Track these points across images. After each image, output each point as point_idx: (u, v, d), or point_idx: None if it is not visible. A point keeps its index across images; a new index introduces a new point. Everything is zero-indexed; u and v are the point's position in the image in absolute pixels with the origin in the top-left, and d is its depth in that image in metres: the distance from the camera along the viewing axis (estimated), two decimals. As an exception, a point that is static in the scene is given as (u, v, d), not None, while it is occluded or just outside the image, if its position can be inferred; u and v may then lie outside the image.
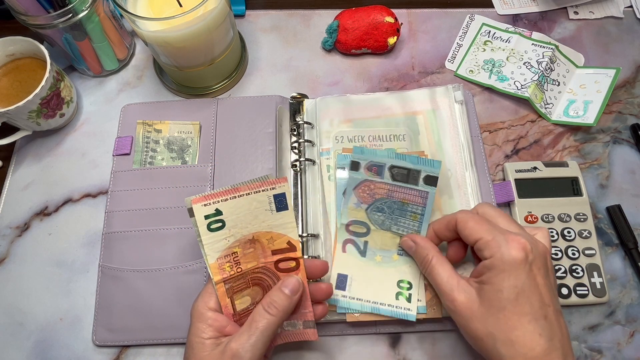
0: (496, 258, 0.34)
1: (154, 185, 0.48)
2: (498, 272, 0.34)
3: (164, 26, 0.42)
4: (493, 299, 0.34)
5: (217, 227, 0.36)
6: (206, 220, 0.36)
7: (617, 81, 0.53)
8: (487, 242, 0.35)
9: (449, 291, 0.36)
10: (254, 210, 0.37)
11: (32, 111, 0.47)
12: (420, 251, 0.40)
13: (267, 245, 0.38)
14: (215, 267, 0.36)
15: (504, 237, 0.35)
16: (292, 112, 0.52)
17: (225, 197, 0.36)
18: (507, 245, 0.34)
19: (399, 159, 0.43)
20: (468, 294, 0.35)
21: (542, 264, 0.35)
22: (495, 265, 0.34)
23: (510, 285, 0.33)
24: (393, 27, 0.54)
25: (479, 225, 0.36)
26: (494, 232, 0.35)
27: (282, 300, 0.36)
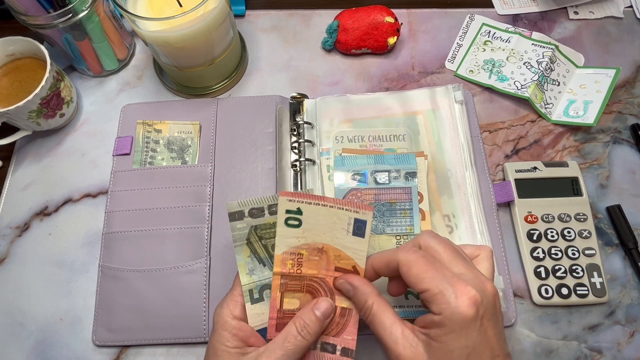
0: (445, 316, 0.31)
1: (154, 185, 0.48)
2: (448, 331, 0.31)
3: (164, 26, 0.42)
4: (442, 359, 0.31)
5: (293, 224, 0.37)
6: (286, 214, 0.36)
7: (617, 81, 0.53)
8: (433, 295, 0.31)
9: (392, 345, 0.32)
10: (332, 224, 0.37)
11: (32, 111, 0.47)
12: (359, 296, 0.35)
13: (333, 260, 0.37)
14: (279, 259, 0.37)
15: (452, 288, 0.31)
16: (292, 112, 0.52)
17: (310, 200, 0.36)
18: (457, 300, 0.30)
19: (377, 163, 0.46)
20: (414, 348, 0.32)
21: (492, 313, 0.32)
22: (445, 324, 0.31)
23: (461, 346, 0.30)
24: (393, 27, 0.54)
25: (422, 272, 0.32)
26: (439, 281, 0.31)
27: (314, 324, 0.34)
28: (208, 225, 0.46)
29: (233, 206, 0.35)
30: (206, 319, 0.43)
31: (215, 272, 0.45)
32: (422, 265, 0.32)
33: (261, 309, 0.37)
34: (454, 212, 0.46)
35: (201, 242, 0.46)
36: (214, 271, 0.45)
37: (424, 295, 0.32)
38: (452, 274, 0.32)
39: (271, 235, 0.36)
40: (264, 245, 0.36)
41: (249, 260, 0.36)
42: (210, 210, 0.47)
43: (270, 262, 0.36)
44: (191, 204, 0.47)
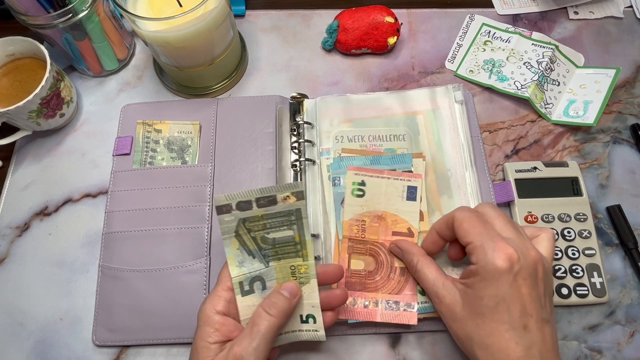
0: (480, 265, 0.34)
1: (154, 185, 0.48)
2: (481, 279, 0.34)
3: (164, 26, 0.42)
4: (474, 304, 0.35)
5: (358, 195, 0.44)
6: (352, 186, 0.45)
7: (617, 81, 0.53)
8: (475, 247, 0.35)
9: (435, 291, 0.37)
10: (389, 193, 0.45)
11: (32, 111, 0.47)
12: (406, 256, 0.41)
13: (390, 225, 0.44)
14: (347, 225, 0.44)
15: (493, 244, 0.34)
16: (292, 112, 0.52)
17: (371, 174, 0.45)
18: (493, 253, 0.34)
19: (374, 164, 0.47)
20: (452, 296, 0.36)
21: (529, 274, 0.34)
22: (479, 272, 0.34)
23: (491, 294, 0.34)
24: (393, 27, 0.54)
25: (472, 227, 0.36)
26: (484, 237, 0.35)
27: (282, 302, 0.35)
28: (208, 225, 0.46)
29: (220, 200, 0.35)
30: (206, 319, 0.43)
31: (215, 272, 0.45)
32: (472, 222, 0.36)
33: (252, 301, 0.37)
34: (454, 212, 0.46)
35: (201, 242, 0.46)
36: (214, 271, 0.45)
37: (468, 248, 0.36)
38: (497, 234, 0.35)
39: (259, 227, 0.36)
40: (253, 238, 0.36)
41: (238, 253, 0.37)
42: (210, 210, 0.47)
43: (260, 254, 0.37)
44: (191, 204, 0.47)
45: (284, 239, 0.37)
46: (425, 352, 0.43)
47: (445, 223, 0.39)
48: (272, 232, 0.36)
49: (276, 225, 0.36)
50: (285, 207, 0.35)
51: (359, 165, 0.46)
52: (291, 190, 0.35)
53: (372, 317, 0.41)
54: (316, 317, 0.38)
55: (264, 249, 0.37)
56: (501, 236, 0.35)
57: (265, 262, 0.37)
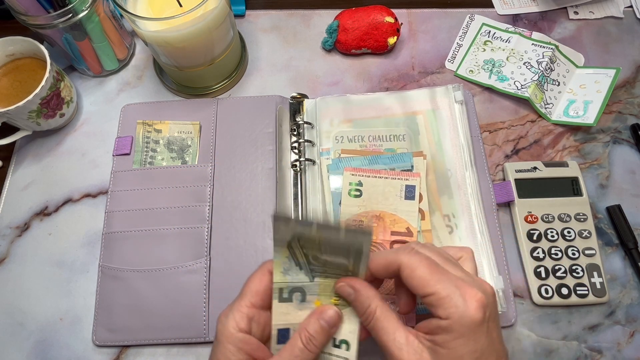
0: (454, 320, 0.29)
1: (154, 185, 0.48)
2: (457, 335, 0.29)
3: (164, 26, 0.42)
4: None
5: (355, 195, 0.44)
6: (349, 186, 0.44)
7: (617, 81, 0.53)
8: (440, 299, 0.30)
9: (397, 351, 0.31)
10: (387, 192, 0.44)
11: (32, 111, 0.47)
12: (361, 300, 0.33)
13: (389, 225, 0.44)
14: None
15: (460, 292, 0.30)
16: (292, 112, 0.52)
17: (369, 174, 0.45)
18: (465, 304, 0.29)
19: (372, 164, 0.47)
20: (419, 355, 0.30)
21: (495, 314, 0.31)
22: (454, 329, 0.29)
23: (470, 350, 0.30)
24: (393, 27, 0.54)
25: (429, 274, 0.31)
26: (446, 284, 0.30)
27: (319, 335, 0.33)
28: (208, 225, 0.46)
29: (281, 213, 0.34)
30: (206, 319, 0.43)
31: (215, 272, 0.45)
32: (426, 268, 0.31)
33: (287, 309, 0.35)
34: (454, 212, 0.46)
35: (201, 242, 0.46)
36: (214, 271, 0.45)
37: (429, 300, 0.31)
38: (456, 277, 0.31)
39: (314, 247, 0.33)
40: (305, 254, 0.34)
41: (286, 261, 0.35)
42: (210, 210, 0.47)
43: (308, 268, 0.34)
44: (191, 204, 0.47)
45: (336, 264, 0.34)
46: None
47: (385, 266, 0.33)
48: (326, 256, 0.33)
49: (332, 252, 0.33)
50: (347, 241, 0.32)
51: (358, 165, 0.46)
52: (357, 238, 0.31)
53: None
54: (351, 344, 0.34)
55: (312, 264, 0.34)
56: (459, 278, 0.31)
57: (311, 276, 0.35)
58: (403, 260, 0.32)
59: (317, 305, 0.35)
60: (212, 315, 0.43)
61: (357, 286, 0.33)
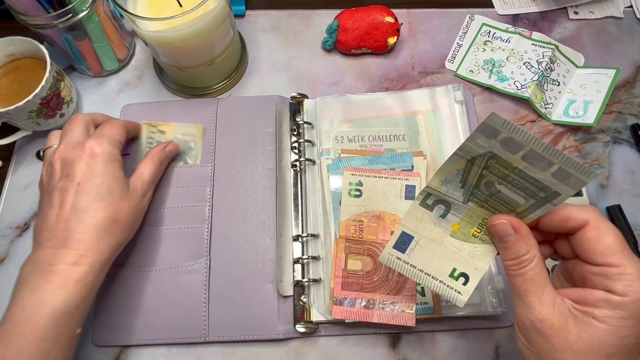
0: (632, 301, 0.27)
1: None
2: (626, 316, 0.27)
3: (164, 26, 0.42)
4: (605, 342, 0.27)
5: (355, 195, 0.44)
6: (349, 186, 0.45)
7: (617, 81, 0.53)
8: (625, 274, 0.27)
9: (539, 307, 0.28)
10: (387, 192, 0.44)
11: (32, 111, 0.47)
12: (521, 245, 0.30)
13: (389, 225, 0.44)
14: (344, 225, 0.44)
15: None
16: (292, 112, 0.52)
17: (369, 174, 0.45)
18: None
19: (372, 164, 0.47)
20: (565, 318, 0.28)
21: None
22: (626, 307, 0.27)
23: (635, 335, 0.27)
24: (393, 27, 0.54)
25: (620, 245, 0.28)
26: (635, 262, 0.28)
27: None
28: (208, 225, 0.46)
29: (496, 121, 0.27)
30: (206, 319, 0.43)
31: (215, 272, 0.45)
32: (617, 237, 0.28)
33: (422, 217, 0.33)
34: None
35: (201, 242, 0.46)
36: (214, 271, 0.45)
37: (607, 270, 0.28)
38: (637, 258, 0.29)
39: (499, 174, 0.29)
40: (481, 175, 0.30)
41: (454, 172, 0.31)
42: (210, 210, 0.47)
43: (470, 190, 0.31)
44: (191, 204, 0.47)
45: (507, 199, 0.30)
46: (425, 352, 0.43)
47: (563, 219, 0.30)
48: (504, 186, 0.30)
49: (515, 185, 0.29)
50: (546, 181, 0.28)
51: (358, 165, 0.46)
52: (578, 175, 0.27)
53: (369, 318, 0.41)
54: (471, 279, 0.32)
55: (479, 189, 0.31)
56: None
57: (467, 198, 0.32)
58: (592, 219, 0.29)
59: (453, 228, 0.33)
60: (212, 315, 0.43)
61: (521, 229, 0.30)
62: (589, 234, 0.29)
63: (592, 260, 0.29)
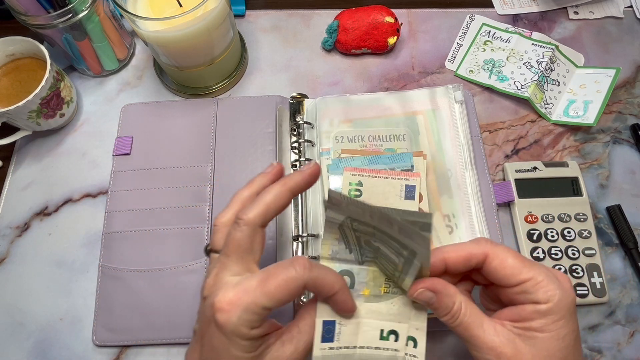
0: (555, 303, 0.29)
1: (154, 185, 0.48)
2: (557, 318, 0.29)
3: (164, 26, 0.42)
4: (553, 348, 0.29)
5: (355, 195, 0.44)
6: (350, 186, 0.44)
7: (617, 81, 0.53)
8: (539, 283, 0.30)
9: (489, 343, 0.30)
10: (387, 192, 0.44)
11: (32, 111, 0.47)
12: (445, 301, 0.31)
13: None
14: None
15: (554, 274, 0.30)
16: (292, 112, 0.52)
17: (369, 174, 0.45)
18: (563, 286, 0.30)
19: (372, 163, 0.47)
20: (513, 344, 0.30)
21: None
22: (554, 311, 0.29)
23: (571, 331, 0.30)
24: (393, 27, 0.54)
25: (521, 262, 0.30)
26: (540, 270, 0.30)
27: None
28: (208, 225, 0.46)
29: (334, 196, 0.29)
30: (206, 319, 0.43)
31: (215, 272, 0.45)
32: (516, 256, 0.31)
33: None
34: (454, 212, 0.46)
35: (201, 242, 0.46)
36: (214, 271, 0.45)
37: (523, 287, 0.30)
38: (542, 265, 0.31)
39: (367, 232, 0.31)
40: (357, 237, 0.32)
41: (336, 243, 0.33)
42: (211, 210, 0.47)
43: (359, 252, 0.33)
44: (191, 204, 0.47)
45: (387, 257, 0.32)
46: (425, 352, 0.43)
47: (466, 258, 0.31)
48: (379, 243, 0.31)
49: (385, 242, 0.31)
50: (401, 239, 0.29)
51: (358, 165, 0.46)
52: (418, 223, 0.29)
53: None
54: (419, 341, 0.33)
55: (364, 249, 0.33)
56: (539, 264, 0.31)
57: (361, 260, 0.33)
58: (489, 251, 0.31)
59: (365, 294, 0.33)
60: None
61: (437, 287, 0.31)
62: (493, 264, 0.31)
63: (508, 284, 0.31)
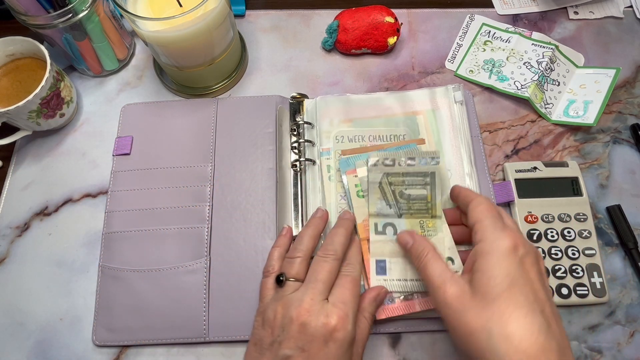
0: (486, 242, 0.34)
1: (154, 185, 0.48)
2: (489, 257, 0.33)
3: (164, 26, 0.42)
4: (485, 287, 0.32)
5: (363, 195, 0.45)
6: (355, 187, 0.46)
7: (617, 81, 0.53)
8: (483, 226, 0.35)
9: (440, 284, 0.35)
10: None
11: (32, 111, 0.47)
12: (416, 247, 0.39)
13: None
14: (362, 227, 0.44)
15: (501, 225, 0.35)
16: (292, 112, 0.52)
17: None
18: (500, 233, 0.34)
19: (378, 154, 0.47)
20: (460, 286, 0.34)
21: (535, 261, 0.34)
22: (486, 251, 0.34)
23: (503, 274, 0.32)
24: (393, 27, 0.54)
25: (486, 209, 0.36)
26: (495, 221, 0.35)
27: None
28: (208, 225, 0.46)
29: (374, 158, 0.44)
30: (206, 319, 0.43)
31: (215, 272, 0.45)
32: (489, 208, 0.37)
33: (383, 241, 0.43)
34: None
35: (201, 242, 0.46)
36: (214, 271, 0.45)
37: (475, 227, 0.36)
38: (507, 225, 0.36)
39: (399, 182, 0.44)
40: (393, 191, 0.43)
41: (378, 202, 0.43)
42: (210, 210, 0.47)
43: (397, 207, 0.43)
44: (191, 204, 0.47)
45: (417, 197, 0.43)
46: (425, 352, 0.43)
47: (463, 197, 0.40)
48: (409, 189, 0.43)
49: (413, 183, 0.43)
50: (422, 169, 0.43)
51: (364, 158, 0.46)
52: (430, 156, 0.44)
53: (413, 309, 0.41)
54: (454, 258, 0.41)
55: (400, 202, 0.43)
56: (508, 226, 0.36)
57: (399, 214, 0.43)
58: (476, 198, 0.38)
59: None
60: (212, 315, 0.43)
61: (414, 236, 0.40)
62: (471, 207, 0.38)
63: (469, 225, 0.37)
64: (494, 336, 0.31)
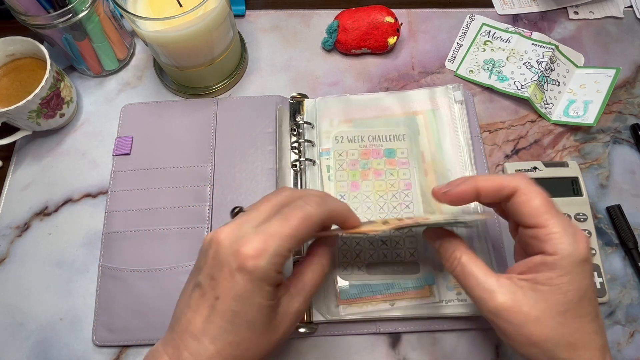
0: (563, 257, 0.29)
1: (154, 185, 0.48)
2: (562, 273, 0.29)
3: (164, 26, 0.42)
4: (553, 302, 0.29)
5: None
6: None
7: (617, 81, 0.53)
8: (552, 234, 0.29)
9: (484, 293, 0.30)
10: None
11: (32, 111, 0.47)
12: (446, 247, 0.34)
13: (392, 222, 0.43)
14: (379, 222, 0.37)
15: (572, 229, 0.30)
16: (292, 112, 0.52)
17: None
18: (576, 242, 0.29)
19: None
20: (512, 293, 0.30)
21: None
22: (561, 266, 0.29)
23: (576, 288, 0.29)
24: (393, 27, 0.54)
25: (545, 206, 0.30)
26: (560, 220, 0.30)
27: None
28: (208, 225, 0.46)
29: None
30: (206, 319, 0.43)
31: (215, 272, 0.45)
32: (543, 199, 0.30)
33: None
34: (453, 212, 0.46)
35: (201, 242, 0.45)
36: (214, 271, 0.45)
37: (536, 232, 0.30)
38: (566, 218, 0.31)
39: None
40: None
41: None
42: (210, 210, 0.47)
43: None
44: (191, 204, 0.47)
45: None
46: (426, 352, 0.43)
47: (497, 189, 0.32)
48: None
49: None
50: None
51: None
52: None
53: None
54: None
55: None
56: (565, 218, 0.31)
57: None
58: (521, 186, 0.31)
59: None
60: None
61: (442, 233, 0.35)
62: (519, 199, 0.31)
63: (524, 223, 0.31)
64: (559, 347, 0.29)
